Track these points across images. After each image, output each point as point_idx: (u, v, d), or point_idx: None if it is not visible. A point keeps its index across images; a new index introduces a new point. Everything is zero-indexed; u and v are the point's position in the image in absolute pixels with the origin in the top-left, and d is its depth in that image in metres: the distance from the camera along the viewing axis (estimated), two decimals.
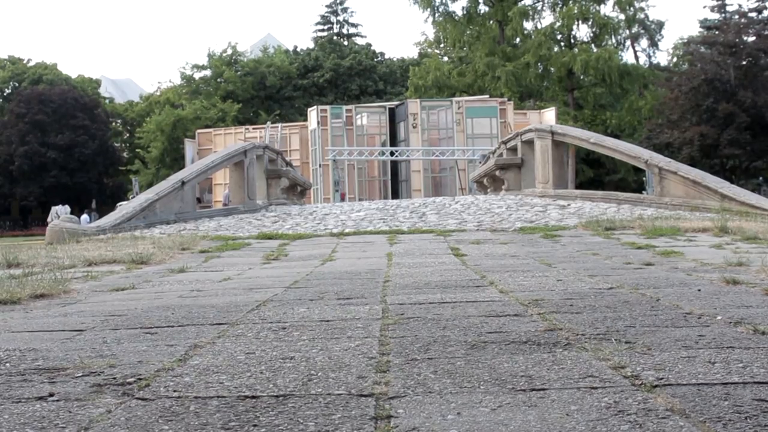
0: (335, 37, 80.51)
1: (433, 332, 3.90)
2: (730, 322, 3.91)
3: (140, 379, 3.07)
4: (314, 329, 4.11)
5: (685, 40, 61.46)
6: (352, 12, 75.16)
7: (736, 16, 48.41)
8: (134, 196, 34.71)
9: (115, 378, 3.10)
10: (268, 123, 46.72)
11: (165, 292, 6.18)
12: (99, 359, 3.48)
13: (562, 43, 57.84)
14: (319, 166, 42.72)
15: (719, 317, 4.06)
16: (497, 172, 20.78)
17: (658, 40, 69.42)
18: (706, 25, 52.19)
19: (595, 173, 55.51)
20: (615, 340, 3.56)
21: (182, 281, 6.97)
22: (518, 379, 2.89)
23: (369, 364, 3.22)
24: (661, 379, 2.81)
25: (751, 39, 46.20)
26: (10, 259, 8.94)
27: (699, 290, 5.13)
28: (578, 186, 45.68)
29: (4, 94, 78.57)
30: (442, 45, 70.94)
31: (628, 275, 6.17)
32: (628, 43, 65.74)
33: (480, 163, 32.28)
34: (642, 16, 63.93)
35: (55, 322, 4.76)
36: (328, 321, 4.37)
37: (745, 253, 7.39)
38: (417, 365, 3.17)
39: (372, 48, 77.97)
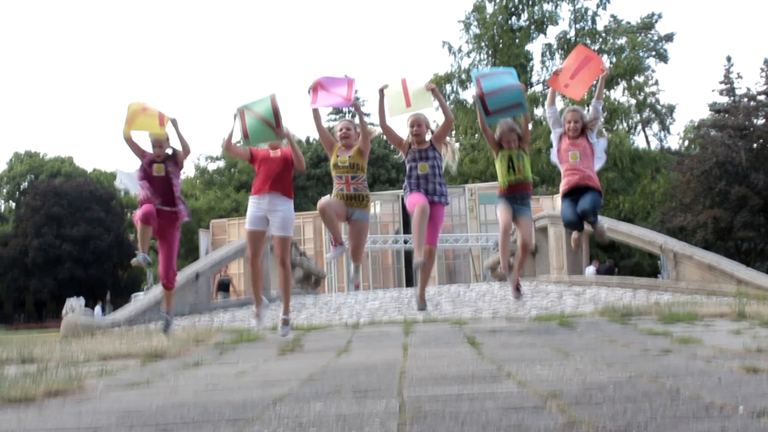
0: None
1: (451, 428, 3.85)
2: (753, 413, 3.85)
3: None
4: (331, 425, 4.07)
5: (696, 124, 61.83)
6: (364, 101, 75.73)
7: (745, 99, 48.72)
8: (149, 288, 34.78)
9: None
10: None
11: (180, 387, 6.15)
12: None
13: None
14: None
15: (741, 408, 4.00)
16: (511, 259, 20.74)
17: (670, 123, 69.73)
18: (715, 108, 52.38)
19: (609, 258, 55.34)
20: None
21: (197, 376, 6.93)
22: None
23: None
24: None
25: (761, 122, 46.42)
26: (25, 354, 8.93)
27: (719, 379, 5.07)
28: None
29: (21, 188, 79.56)
30: (453, 132, 71.56)
31: (647, 364, 6.11)
32: (639, 127, 66.29)
33: (494, 249, 32.26)
34: (653, 100, 64.55)
35: (70, 421, 4.73)
36: (344, 416, 4.32)
37: (764, 339, 7.32)
38: None
39: (384, 137, 78.60)
